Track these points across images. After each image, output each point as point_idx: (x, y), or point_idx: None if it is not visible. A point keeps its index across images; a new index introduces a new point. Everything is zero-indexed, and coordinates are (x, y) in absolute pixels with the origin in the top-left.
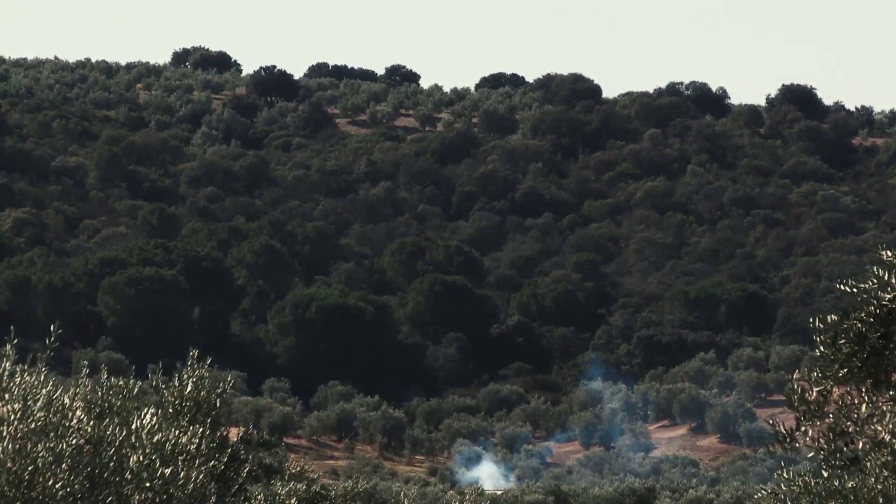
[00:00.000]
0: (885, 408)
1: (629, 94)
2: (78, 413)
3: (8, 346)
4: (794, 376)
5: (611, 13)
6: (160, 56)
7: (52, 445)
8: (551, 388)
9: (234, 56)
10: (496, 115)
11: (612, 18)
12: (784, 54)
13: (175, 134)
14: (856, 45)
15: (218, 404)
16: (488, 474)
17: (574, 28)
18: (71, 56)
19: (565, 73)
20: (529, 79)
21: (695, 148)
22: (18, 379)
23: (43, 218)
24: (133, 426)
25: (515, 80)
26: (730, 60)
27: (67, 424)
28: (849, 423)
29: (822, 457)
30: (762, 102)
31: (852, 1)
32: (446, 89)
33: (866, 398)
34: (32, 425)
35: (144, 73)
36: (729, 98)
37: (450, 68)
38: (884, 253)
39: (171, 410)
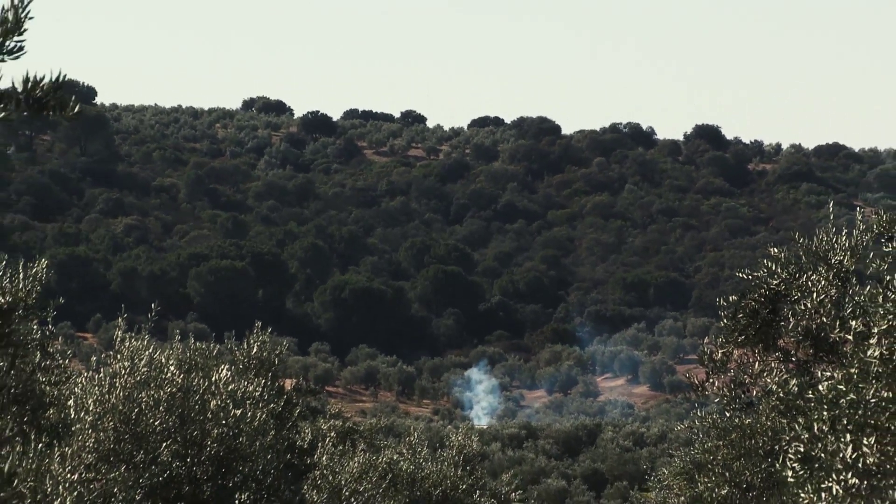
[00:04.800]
0: (772, 365)
1: (582, 131)
2: (171, 369)
3: (120, 320)
4: (705, 341)
5: (569, 73)
6: (233, 102)
7: (152, 393)
8: (524, 349)
9: (288, 103)
10: (483, 147)
11: (570, 76)
12: (697, 101)
13: (244, 161)
14: (751, 93)
15: (276, 362)
16: (480, 406)
17: (542, 83)
18: (167, 102)
19: (534, 115)
20: (507, 120)
21: (630, 171)
22: (127, 343)
23: (146, 223)
24: (213, 379)
25: (497, 122)
26: (656, 105)
27: (164, 377)
28: (745, 377)
29: (725, 402)
30: (680, 137)
31: (750, 61)
32: (446, 128)
33: (759, 358)
34: (138, 378)
35: (221, 115)
36: (656, 134)
37: (449, 112)
38: (772, 250)
39: (241, 367)
